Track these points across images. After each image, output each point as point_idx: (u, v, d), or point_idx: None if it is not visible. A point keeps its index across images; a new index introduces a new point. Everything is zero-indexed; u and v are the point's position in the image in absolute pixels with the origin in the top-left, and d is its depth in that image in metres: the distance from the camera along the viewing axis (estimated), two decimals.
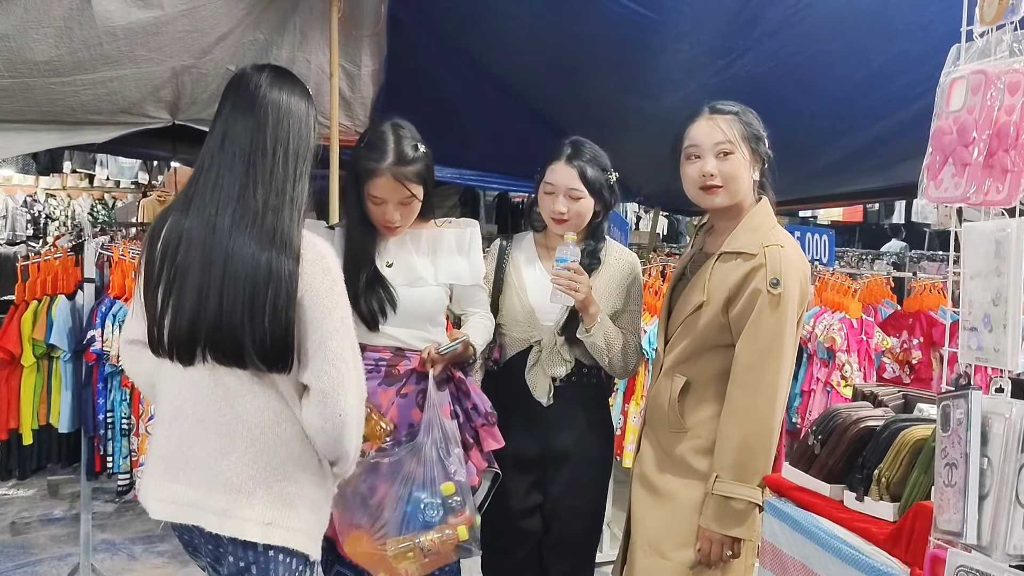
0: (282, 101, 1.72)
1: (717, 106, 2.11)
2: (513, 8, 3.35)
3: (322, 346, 1.67)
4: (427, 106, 3.71)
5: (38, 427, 3.42)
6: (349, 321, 1.72)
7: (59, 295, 3.37)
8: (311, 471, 1.76)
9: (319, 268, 1.68)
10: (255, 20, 3.34)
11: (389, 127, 2.20)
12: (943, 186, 1.27)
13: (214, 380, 1.70)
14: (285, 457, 1.73)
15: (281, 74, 1.78)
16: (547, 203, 2.38)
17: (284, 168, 1.70)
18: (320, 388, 1.68)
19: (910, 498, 1.49)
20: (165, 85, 3.46)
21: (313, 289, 1.67)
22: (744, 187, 2.06)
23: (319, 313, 1.67)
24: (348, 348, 1.70)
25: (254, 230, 1.65)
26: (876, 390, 1.88)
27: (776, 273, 1.92)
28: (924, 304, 4.02)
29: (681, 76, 3.51)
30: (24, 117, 3.45)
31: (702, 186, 2.07)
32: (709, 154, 2.06)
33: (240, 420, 1.70)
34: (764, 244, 1.97)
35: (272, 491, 1.72)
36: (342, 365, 1.68)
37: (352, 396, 1.70)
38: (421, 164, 2.17)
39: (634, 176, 4.93)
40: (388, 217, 2.18)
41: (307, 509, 1.75)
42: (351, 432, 1.72)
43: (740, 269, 1.98)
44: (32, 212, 9.80)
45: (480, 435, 2.26)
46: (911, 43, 3.13)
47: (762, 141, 2.07)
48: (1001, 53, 1.23)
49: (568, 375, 2.37)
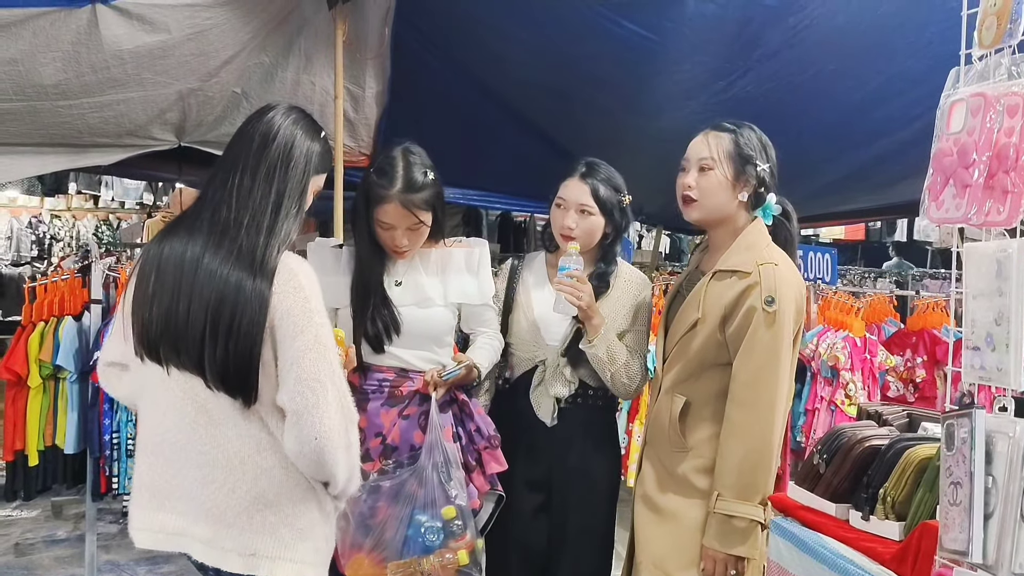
0: (282, 131, 1.73)
1: (720, 122, 2.14)
2: (515, 30, 3.39)
3: (294, 366, 1.63)
4: (430, 127, 3.74)
5: (44, 448, 3.43)
6: (326, 340, 1.66)
7: (66, 316, 3.38)
8: (298, 499, 1.71)
9: (290, 287, 1.65)
10: (261, 43, 3.38)
11: (400, 152, 2.20)
12: (944, 207, 1.28)
13: (196, 407, 1.69)
14: (267, 486, 1.69)
15: (295, 111, 1.80)
16: (557, 217, 2.38)
17: (267, 192, 1.70)
18: (294, 410, 1.63)
19: (915, 517, 1.49)
20: (171, 108, 3.49)
21: (283, 309, 1.64)
22: (720, 204, 2.08)
23: (290, 332, 1.63)
24: (323, 368, 1.64)
25: (230, 251, 1.66)
26: (880, 409, 1.89)
27: (771, 291, 1.94)
28: (927, 322, 4.02)
29: (681, 96, 3.54)
30: (31, 140, 3.48)
31: (681, 197, 2.13)
32: (693, 168, 2.11)
33: (220, 448, 1.68)
34: (759, 262, 1.99)
35: (254, 521, 1.68)
36: (316, 386, 1.62)
37: (331, 419, 1.63)
38: (430, 191, 2.17)
39: (635, 195, 4.94)
40: (396, 242, 2.19)
41: (294, 537, 1.70)
42: (334, 456, 1.65)
43: (735, 287, 1.99)
44: (37, 233, 9.84)
45: (483, 458, 2.25)
46: (910, 63, 3.16)
47: (751, 163, 2.06)
48: (1000, 76, 1.25)
49: (573, 396, 2.37)
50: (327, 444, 1.63)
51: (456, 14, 3.45)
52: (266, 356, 1.64)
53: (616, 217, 2.42)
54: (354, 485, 1.78)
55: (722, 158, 2.05)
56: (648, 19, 3.06)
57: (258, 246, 1.66)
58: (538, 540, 2.40)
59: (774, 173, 2.11)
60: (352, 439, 1.70)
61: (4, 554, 4.27)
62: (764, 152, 2.10)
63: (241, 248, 1.66)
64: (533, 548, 2.39)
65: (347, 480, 1.73)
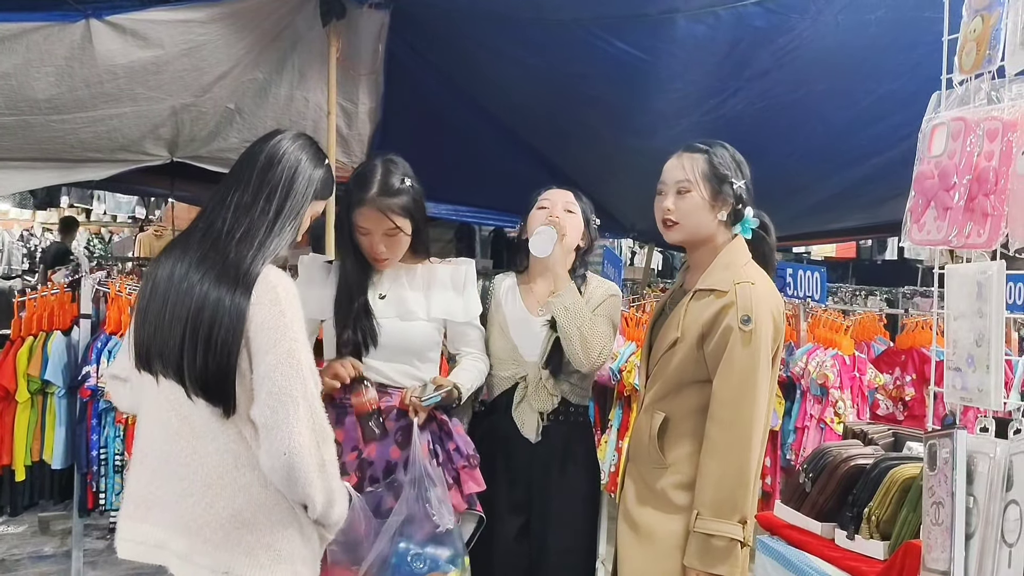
0: (288, 155, 1.77)
1: (692, 144, 2.15)
2: (508, 48, 3.41)
3: (266, 379, 1.63)
4: (423, 143, 3.77)
5: (31, 463, 3.40)
6: (300, 356, 1.64)
7: (55, 331, 3.37)
8: (277, 520, 1.69)
9: (266, 299, 1.65)
10: (255, 59, 3.40)
11: (380, 161, 2.24)
12: (926, 229, 1.29)
13: (180, 418, 1.69)
14: (245, 503, 1.68)
15: (303, 137, 1.84)
16: (540, 216, 2.40)
17: (266, 210, 1.73)
18: (263, 423, 1.62)
19: (899, 536, 1.50)
20: (164, 123, 3.51)
21: (258, 321, 1.64)
22: (701, 224, 2.09)
23: (264, 345, 1.63)
24: (295, 384, 1.62)
25: (215, 263, 1.67)
26: (866, 428, 1.89)
27: (747, 310, 1.94)
28: (917, 341, 4.04)
29: (673, 115, 3.57)
30: (24, 155, 3.49)
31: (661, 221, 2.14)
32: (671, 191, 2.11)
33: (200, 461, 1.68)
34: (735, 281, 1.99)
35: (230, 538, 1.67)
36: (287, 399, 1.61)
37: (300, 436, 1.61)
38: (406, 197, 2.17)
39: (627, 213, 4.99)
40: (375, 249, 2.20)
41: (271, 559, 1.68)
42: (306, 475, 1.63)
43: (712, 306, 2.00)
44: (28, 246, 9.83)
45: (461, 477, 2.22)
46: (898, 84, 3.19)
47: (727, 181, 2.07)
48: (980, 101, 1.26)
49: (555, 411, 2.37)
50: (297, 461, 1.61)
51: (449, 32, 3.48)
52: (243, 367, 1.64)
53: (592, 229, 2.46)
54: (337, 512, 1.75)
55: (698, 179, 2.07)
56: (639, 39, 3.09)
57: (244, 259, 1.67)
58: (521, 559, 2.39)
59: (749, 189, 2.13)
60: (326, 459, 1.68)
61: None
62: (739, 169, 2.11)
63: (227, 260, 1.67)
64: (517, 567, 2.39)
65: (326, 504, 1.70)
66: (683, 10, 2.94)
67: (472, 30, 3.39)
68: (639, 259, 9.25)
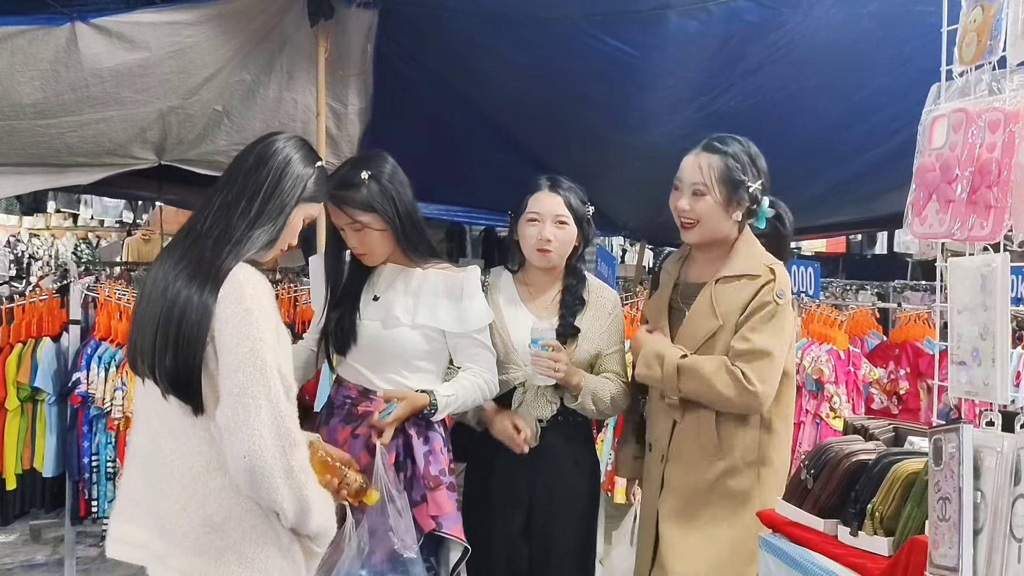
0: (278, 155, 1.76)
1: (710, 142, 2.15)
2: (498, 46, 3.40)
3: (228, 379, 1.60)
4: (414, 143, 3.74)
5: (22, 472, 3.37)
6: (265, 355, 1.61)
7: (44, 337, 3.33)
8: (248, 526, 1.66)
9: (233, 298, 1.63)
10: (242, 61, 3.37)
11: (354, 157, 2.22)
12: (928, 222, 1.28)
13: (160, 418, 1.69)
14: (216, 508, 1.65)
15: (297, 139, 1.83)
16: (532, 232, 2.35)
17: (247, 210, 1.72)
18: (225, 424, 1.60)
19: (904, 532, 1.49)
20: (151, 126, 3.47)
21: (223, 319, 1.62)
22: (718, 227, 2.13)
23: (227, 343, 1.61)
24: (258, 385, 1.59)
25: (190, 261, 1.67)
26: (867, 423, 1.88)
27: (783, 286, 2.07)
28: (910, 335, 4.05)
29: (665, 112, 3.56)
30: (9, 160, 3.45)
31: (678, 219, 2.18)
32: (687, 191, 2.13)
33: (176, 463, 1.67)
34: (767, 264, 2.09)
35: (200, 542, 1.65)
36: (248, 401, 1.58)
37: (262, 439, 1.58)
38: (362, 191, 2.12)
39: (619, 210, 4.97)
40: (349, 244, 2.19)
41: (241, 566, 1.64)
42: (270, 481, 1.59)
43: (749, 288, 2.08)
44: (15, 252, 9.74)
45: (427, 497, 2.15)
46: (890, 79, 3.19)
47: (744, 186, 2.09)
48: (980, 92, 1.25)
49: (554, 416, 2.35)
50: (258, 464, 1.58)
51: (439, 31, 3.46)
52: (210, 366, 1.63)
53: (585, 228, 2.41)
54: (316, 522, 1.69)
55: (714, 183, 2.09)
56: (631, 36, 3.08)
57: (217, 257, 1.67)
58: (521, 562, 2.37)
59: (766, 185, 2.15)
60: (294, 464, 1.61)
61: None
62: (754, 168, 2.12)
63: (202, 259, 1.67)
64: (517, 567, 2.36)
65: (299, 512, 1.65)
66: (674, 6, 2.93)
67: (461, 28, 3.37)
68: (629, 257, 9.23)
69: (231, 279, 1.65)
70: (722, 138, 2.15)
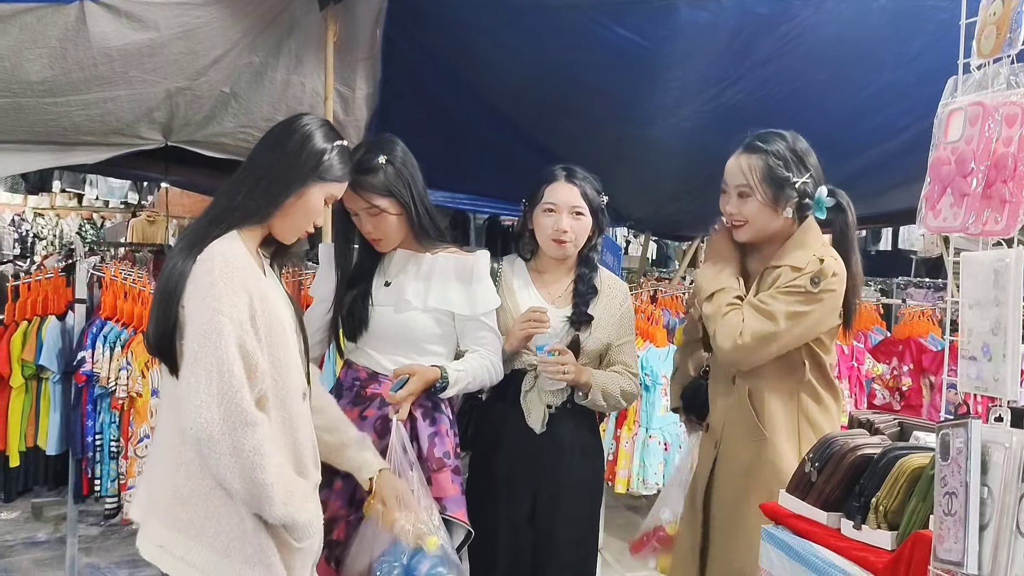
0: (298, 132, 1.78)
1: (752, 141, 2.14)
2: (506, 35, 3.38)
3: (186, 347, 1.62)
4: (420, 129, 3.72)
5: (25, 449, 3.38)
6: (223, 328, 1.59)
7: (49, 316, 3.34)
8: (213, 506, 1.65)
9: (202, 270, 1.64)
10: (251, 43, 3.35)
11: (366, 142, 2.23)
12: (942, 216, 1.28)
13: (164, 391, 1.77)
14: (183, 480, 1.66)
15: (321, 119, 1.86)
16: (548, 223, 2.36)
17: (254, 184, 1.75)
18: (179, 395, 1.62)
19: (908, 527, 1.49)
20: (159, 107, 3.46)
21: (189, 291, 1.64)
22: (766, 226, 2.13)
23: (191, 312, 1.63)
24: (211, 356, 1.58)
25: (190, 236, 1.73)
26: (872, 417, 1.88)
27: (818, 275, 2.03)
28: (913, 331, 4.05)
29: (672, 104, 3.54)
30: (16, 137, 3.45)
31: (729, 222, 2.18)
32: (733, 193, 2.15)
33: (163, 433, 1.73)
34: (817, 255, 2.07)
35: (169, 515, 1.67)
36: (200, 371, 1.58)
37: (208, 412, 1.56)
38: (380, 175, 2.13)
39: (625, 201, 4.96)
40: (363, 230, 2.20)
41: (200, 544, 1.64)
42: (217, 458, 1.58)
43: (786, 276, 2.07)
44: (20, 231, 9.76)
45: (432, 479, 2.17)
46: (898, 75, 3.18)
47: (789, 183, 2.08)
48: (998, 85, 1.25)
49: (563, 402, 2.36)
50: (203, 437, 1.57)
51: (448, 18, 3.44)
52: (182, 331, 1.66)
53: (600, 218, 2.42)
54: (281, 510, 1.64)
55: (757, 184, 2.08)
56: (641, 25, 3.06)
57: (209, 228, 1.71)
58: (524, 549, 2.38)
59: (816, 176, 2.13)
60: (244, 446, 1.58)
61: None
62: (800, 164, 2.10)
63: (198, 232, 1.71)
64: (520, 557, 2.37)
65: (252, 496, 1.61)
66: None
67: (469, 16, 3.36)
68: (633, 248, 9.23)
69: (208, 249, 1.66)
70: (765, 136, 2.13)
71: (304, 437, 1.80)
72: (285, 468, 1.69)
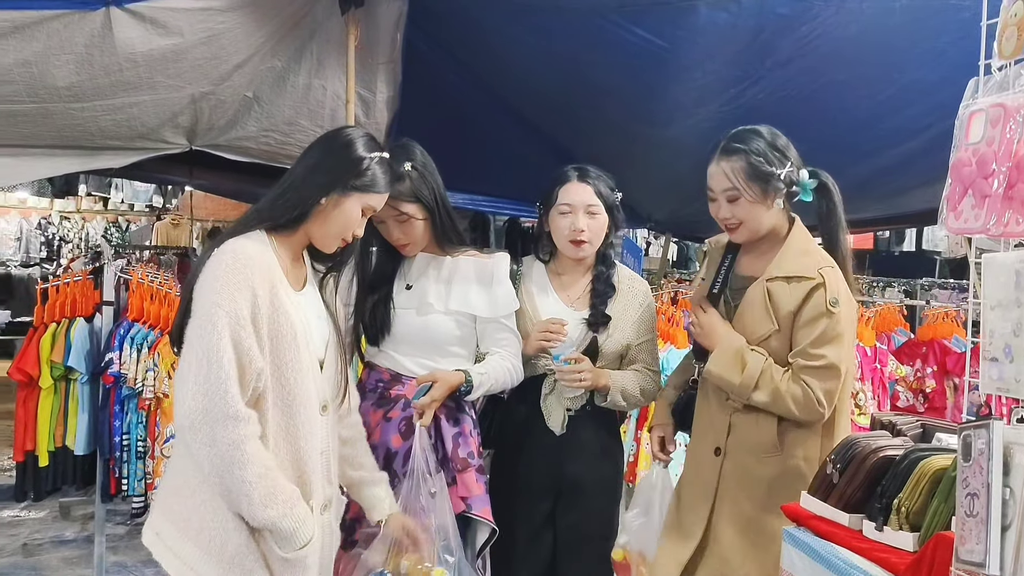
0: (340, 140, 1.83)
1: (727, 144, 2.14)
2: (526, 37, 3.39)
3: (185, 338, 1.65)
4: (440, 132, 3.74)
5: (54, 449, 3.44)
6: (217, 321, 1.61)
7: (78, 318, 3.39)
8: (200, 500, 1.66)
9: (213, 263, 1.67)
10: (273, 48, 3.38)
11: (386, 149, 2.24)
12: (963, 217, 1.28)
13: None
14: (179, 470, 1.70)
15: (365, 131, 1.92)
16: (564, 224, 2.37)
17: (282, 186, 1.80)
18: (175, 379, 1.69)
19: (930, 528, 1.48)
20: (183, 111, 3.49)
21: (198, 284, 1.68)
22: (761, 222, 2.13)
23: (195, 303, 1.66)
24: (202, 346, 1.60)
25: (222, 236, 1.77)
26: (894, 419, 1.88)
27: (835, 293, 2.04)
28: (937, 332, 4.01)
29: (692, 104, 3.54)
30: (43, 142, 3.49)
31: (722, 226, 2.19)
32: (721, 198, 2.14)
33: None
34: (819, 267, 2.08)
35: (166, 503, 1.71)
36: (192, 359, 1.61)
37: (194, 400, 1.58)
38: (407, 182, 2.16)
39: (644, 202, 4.95)
40: (391, 236, 2.21)
41: (185, 536, 1.65)
42: (196, 448, 1.59)
43: (799, 290, 2.07)
44: (46, 234, 9.88)
45: (457, 479, 2.20)
46: (922, 73, 3.15)
47: (774, 176, 2.09)
48: (1020, 87, 1.24)
49: (583, 405, 2.37)
50: (185, 424, 1.59)
51: (468, 21, 3.46)
52: None
53: (615, 215, 2.43)
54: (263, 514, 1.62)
55: (744, 184, 2.09)
56: (660, 27, 3.06)
57: (233, 229, 1.75)
58: (544, 549, 2.39)
59: (795, 162, 2.14)
60: (223, 438, 1.58)
61: (12, 554, 4.28)
62: (779, 154, 2.11)
63: (228, 231, 1.76)
64: (540, 557, 2.38)
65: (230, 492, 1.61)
66: None
67: (488, 19, 3.37)
68: (653, 250, 9.20)
69: (222, 246, 1.70)
70: (738, 135, 2.14)
71: (311, 448, 1.76)
72: (272, 471, 1.66)
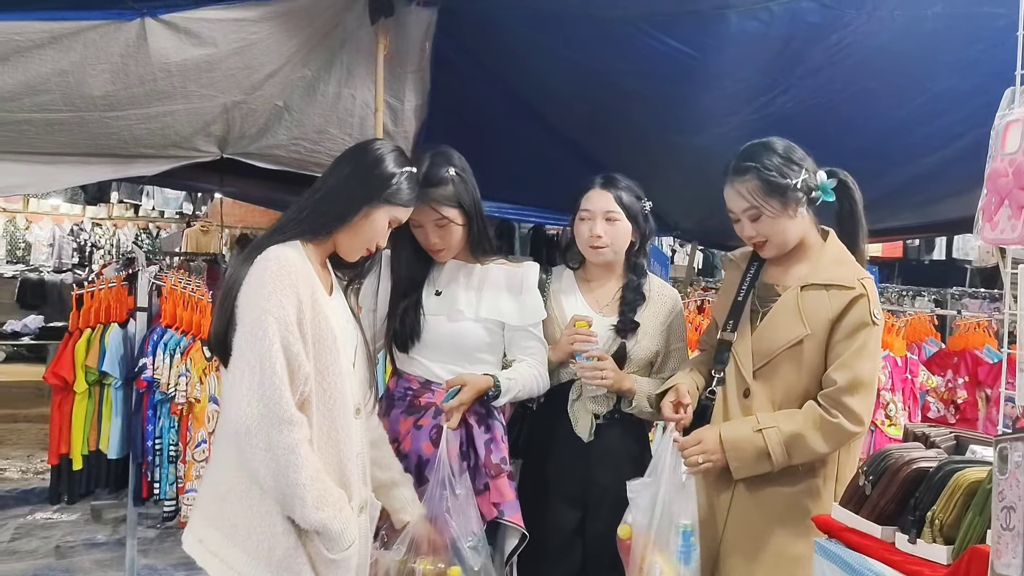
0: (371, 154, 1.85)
1: (737, 164, 2.13)
2: (554, 46, 3.40)
3: (235, 344, 1.68)
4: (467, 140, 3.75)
5: (88, 453, 3.49)
6: (267, 327, 1.64)
7: (112, 323, 3.45)
8: (247, 505, 1.68)
9: (257, 270, 1.70)
10: (304, 57, 3.43)
11: (428, 154, 2.26)
12: (999, 228, 1.27)
13: None
14: (222, 478, 1.71)
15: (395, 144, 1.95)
16: (584, 229, 2.38)
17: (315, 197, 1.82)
18: (224, 388, 1.72)
19: (964, 541, 1.47)
20: (215, 120, 3.54)
21: (243, 290, 1.70)
22: (789, 235, 2.12)
23: (241, 311, 1.68)
24: (254, 352, 1.63)
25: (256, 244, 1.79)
26: (928, 431, 1.86)
27: (876, 305, 2.04)
28: (969, 343, 3.96)
29: (721, 113, 3.53)
30: (79, 150, 3.55)
31: (751, 244, 2.18)
32: (744, 218, 2.14)
33: (216, 435, 1.84)
34: (858, 277, 2.07)
35: (208, 510, 1.72)
36: (244, 366, 1.63)
37: (248, 407, 1.61)
38: (451, 188, 2.18)
39: (671, 211, 4.94)
40: (428, 241, 2.23)
41: (232, 541, 1.66)
42: (251, 452, 1.61)
43: (839, 299, 2.05)
44: (78, 240, 10.04)
45: (490, 485, 2.21)
46: (954, 81, 3.12)
47: (790, 187, 2.07)
48: None
49: (610, 412, 2.37)
50: (241, 431, 1.61)
51: (495, 30, 3.48)
52: None
53: (641, 223, 2.43)
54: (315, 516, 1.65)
55: (761, 200, 2.08)
56: (690, 36, 3.06)
57: (268, 237, 1.78)
58: (574, 557, 2.39)
59: (809, 167, 2.13)
60: (278, 441, 1.61)
61: (45, 556, 4.34)
62: (791, 163, 2.10)
63: (263, 239, 1.79)
64: (570, 565, 2.38)
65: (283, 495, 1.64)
66: (735, 6, 2.90)
67: (518, 28, 3.38)
68: (679, 257, 9.17)
69: (266, 252, 1.73)
70: (745, 152, 2.13)
71: (350, 451, 1.80)
72: (322, 474, 1.70)
